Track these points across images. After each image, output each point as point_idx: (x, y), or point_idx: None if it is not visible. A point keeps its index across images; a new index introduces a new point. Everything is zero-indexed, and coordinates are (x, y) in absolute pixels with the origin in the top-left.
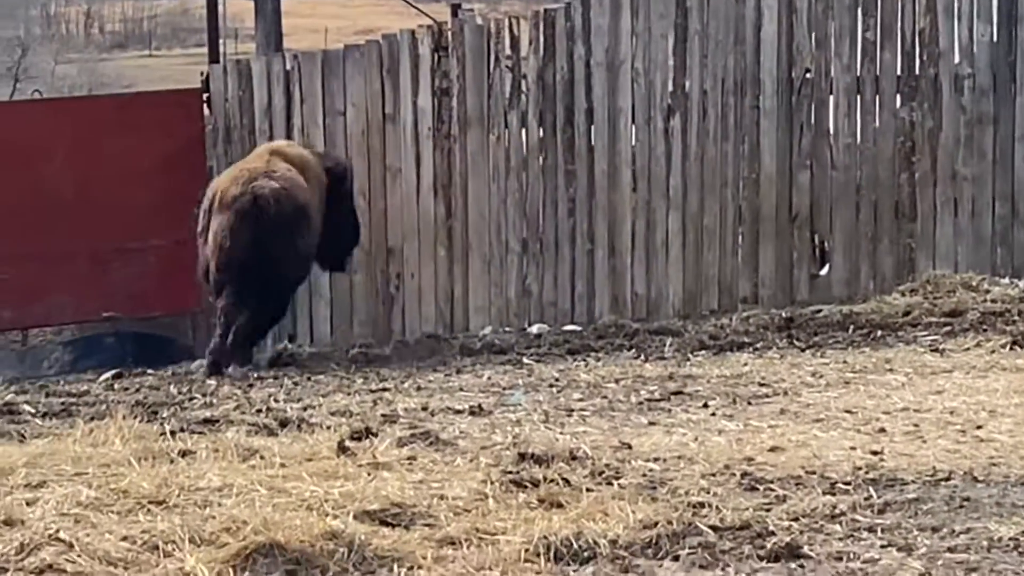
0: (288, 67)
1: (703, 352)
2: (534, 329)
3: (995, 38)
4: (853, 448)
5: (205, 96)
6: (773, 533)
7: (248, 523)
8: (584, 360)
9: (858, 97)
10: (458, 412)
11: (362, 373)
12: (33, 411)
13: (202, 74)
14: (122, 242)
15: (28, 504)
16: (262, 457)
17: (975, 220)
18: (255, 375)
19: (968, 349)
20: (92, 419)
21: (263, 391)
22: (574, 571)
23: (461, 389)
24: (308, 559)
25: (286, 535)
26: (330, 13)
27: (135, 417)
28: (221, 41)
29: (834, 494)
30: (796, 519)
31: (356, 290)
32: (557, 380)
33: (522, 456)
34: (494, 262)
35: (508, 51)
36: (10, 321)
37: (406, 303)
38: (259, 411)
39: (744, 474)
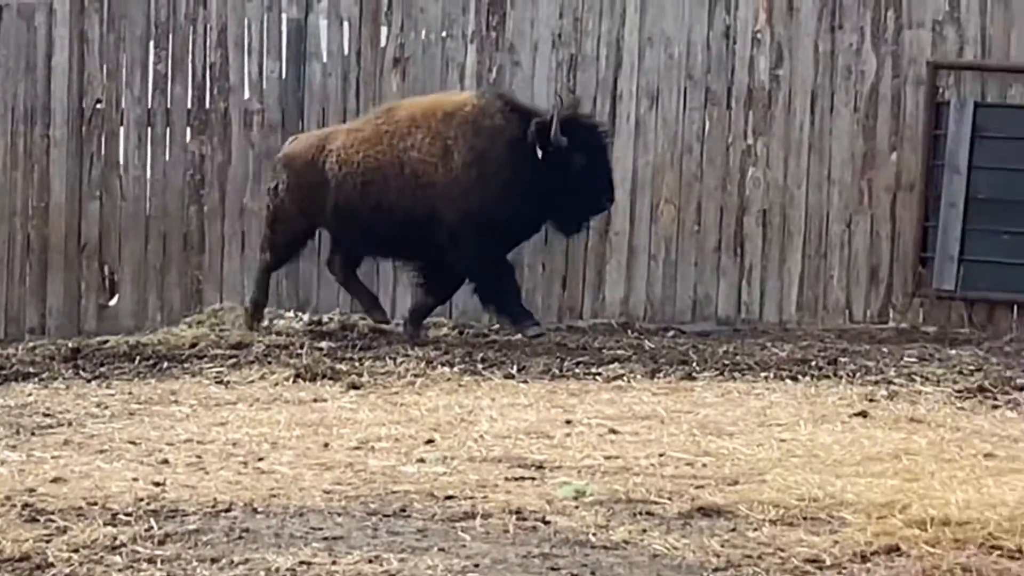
0: None
1: None
2: None
3: (284, 75)
4: (136, 479)
5: None
6: (52, 564)
7: None
8: None
9: (149, 129)
10: None
11: None
12: None
13: None
14: None
15: None
16: None
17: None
18: None
19: (253, 381)
20: None
21: None
22: None
23: None
24: None
25: None
26: None
27: None
28: None
29: (115, 525)
30: (76, 550)
31: None
32: None
33: None
34: None
35: None
36: None
37: None
38: None
39: (25, 505)
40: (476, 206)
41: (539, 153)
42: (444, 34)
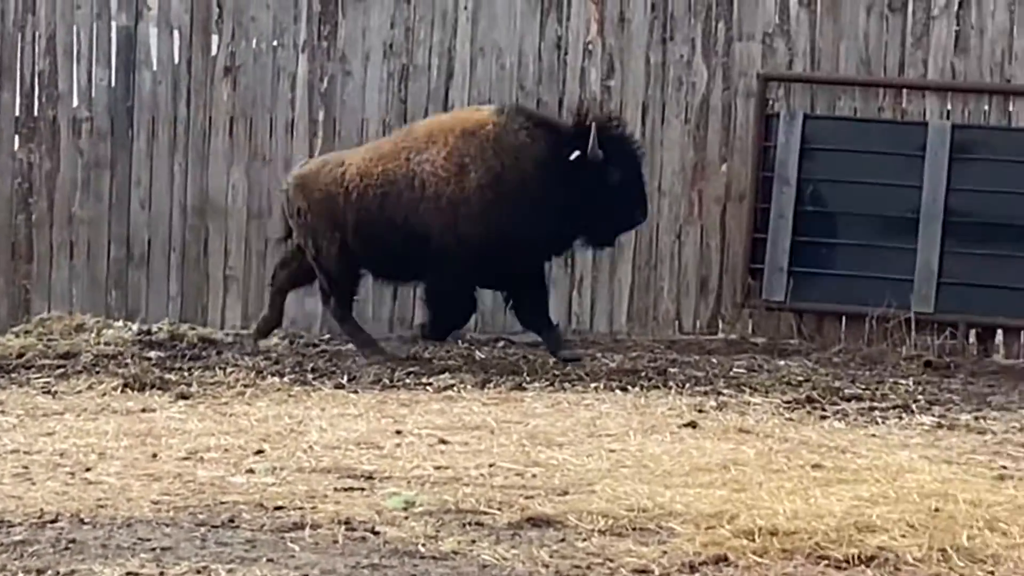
0: None
1: None
2: None
3: (113, 83)
4: None
5: None
6: None
7: None
8: None
9: None
10: None
11: None
12: None
13: None
14: None
15: None
16: None
17: (91, 263)
18: None
19: (80, 392)
20: None
21: None
22: None
23: None
24: None
25: None
26: None
27: None
28: None
29: None
30: None
31: None
32: None
33: None
34: None
35: None
36: None
37: None
38: None
39: None
40: (485, 228)
41: (572, 168)
42: (275, 43)
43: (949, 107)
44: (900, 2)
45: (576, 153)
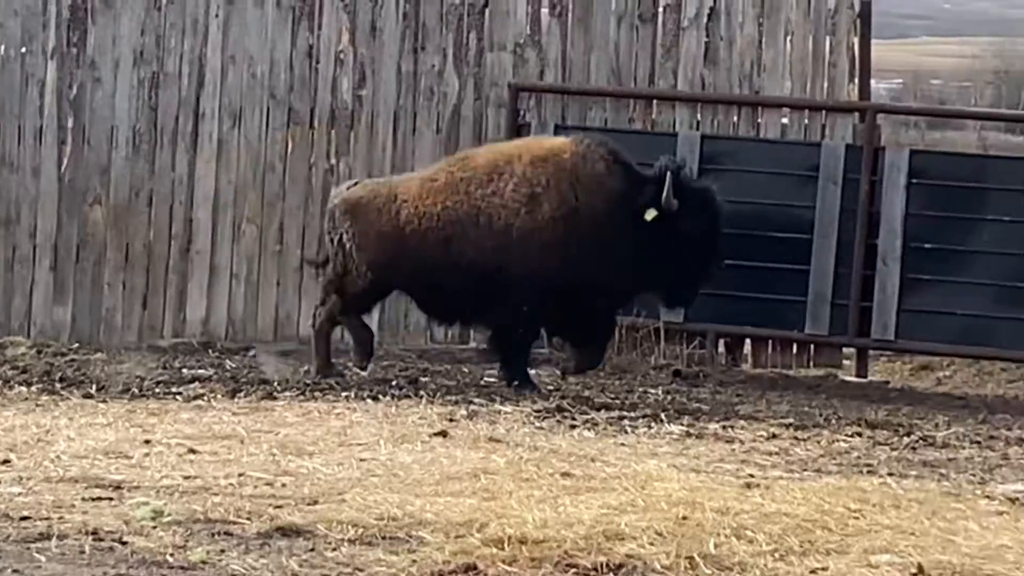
0: None
1: None
2: None
3: None
4: None
5: None
6: None
7: None
8: None
9: None
10: None
11: None
12: None
13: None
14: None
15: None
16: None
17: None
18: None
19: None
20: None
21: None
22: None
23: None
24: None
25: None
26: None
27: None
28: None
29: None
30: None
31: None
32: None
33: None
34: None
35: None
36: None
37: None
38: None
39: None
40: (556, 263)
41: (648, 215)
42: (24, 50)
43: (699, 118)
44: (650, 13)
45: (653, 212)
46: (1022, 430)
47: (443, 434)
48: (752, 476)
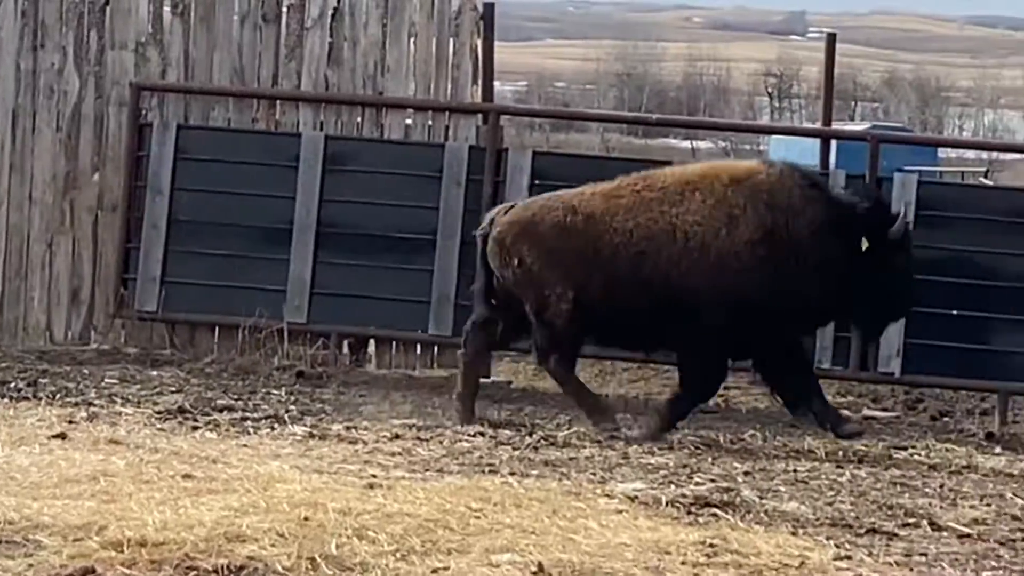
0: None
1: None
2: None
3: None
4: None
5: None
6: None
7: None
8: None
9: None
10: None
11: None
12: None
13: None
14: None
15: None
16: None
17: None
18: None
19: None
20: None
21: None
22: None
23: None
24: None
25: None
26: None
27: None
28: None
29: None
30: None
31: None
32: None
33: None
34: None
35: None
36: None
37: None
38: None
39: None
40: (756, 287)
41: (862, 244)
42: None
43: (323, 118)
44: (274, 13)
45: (866, 244)
46: (641, 429)
47: (62, 436)
48: (375, 477)
